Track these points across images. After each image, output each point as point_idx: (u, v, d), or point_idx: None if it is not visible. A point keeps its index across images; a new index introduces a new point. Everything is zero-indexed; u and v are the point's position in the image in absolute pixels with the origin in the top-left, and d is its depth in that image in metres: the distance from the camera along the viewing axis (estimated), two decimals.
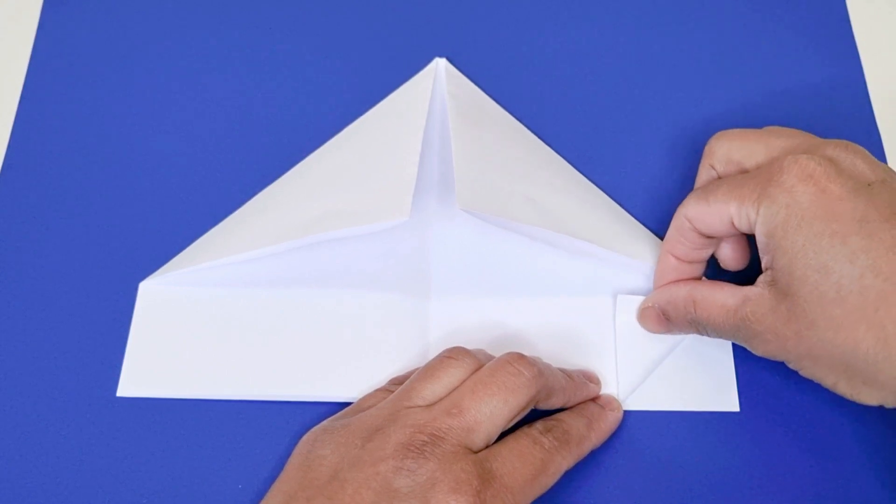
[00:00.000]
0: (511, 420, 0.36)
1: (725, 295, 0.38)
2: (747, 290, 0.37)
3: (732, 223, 0.37)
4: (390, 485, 0.33)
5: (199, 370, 0.42)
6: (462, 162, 0.41)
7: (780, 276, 0.35)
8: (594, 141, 0.48)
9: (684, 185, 0.47)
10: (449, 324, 0.43)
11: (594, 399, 0.40)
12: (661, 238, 0.45)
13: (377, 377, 0.41)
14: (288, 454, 0.40)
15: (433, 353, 0.41)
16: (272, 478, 0.39)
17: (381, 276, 0.43)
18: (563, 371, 0.40)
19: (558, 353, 0.42)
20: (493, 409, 0.35)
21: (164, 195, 0.46)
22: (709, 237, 0.39)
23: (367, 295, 0.43)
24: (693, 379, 0.42)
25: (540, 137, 0.48)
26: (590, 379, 0.41)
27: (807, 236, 0.34)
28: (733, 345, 0.42)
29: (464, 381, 0.37)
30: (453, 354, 0.38)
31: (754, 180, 0.36)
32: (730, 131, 0.41)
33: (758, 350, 0.37)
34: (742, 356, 0.42)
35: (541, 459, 0.36)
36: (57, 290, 0.44)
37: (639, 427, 0.41)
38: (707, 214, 0.38)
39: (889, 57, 0.52)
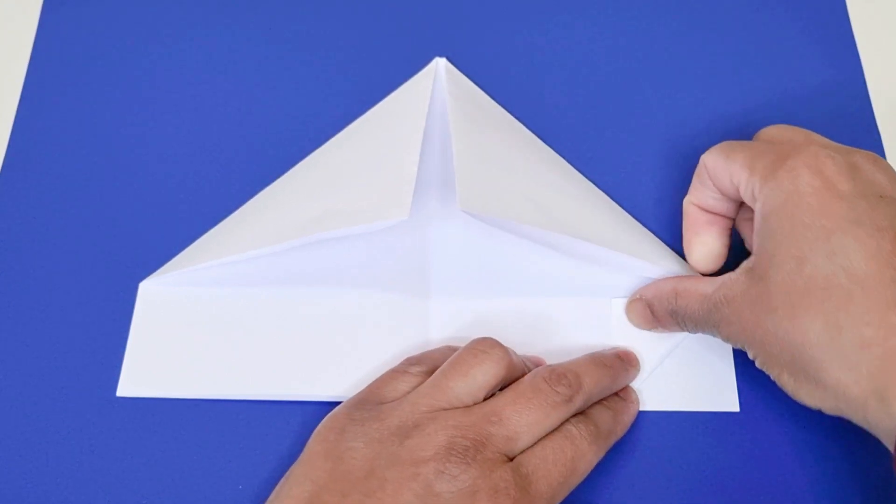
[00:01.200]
0: (550, 430, 0.36)
1: (705, 284, 0.38)
2: (725, 276, 0.37)
3: (739, 189, 0.37)
4: (432, 488, 0.33)
5: (199, 370, 0.42)
6: (463, 162, 0.41)
7: (762, 259, 0.35)
8: (594, 141, 0.48)
9: (683, 186, 0.46)
10: (449, 323, 0.43)
11: (615, 392, 0.41)
12: (661, 239, 0.45)
13: (377, 377, 0.41)
14: (289, 454, 0.40)
15: None
16: (273, 478, 0.39)
17: (381, 276, 0.43)
18: (602, 360, 0.40)
19: (558, 354, 0.42)
20: (534, 420, 0.35)
21: (164, 195, 0.46)
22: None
23: (367, 294, 0.43)
24: (693, 379, 0.42)
25: (540, 137, 0.48)
26: (629, 362, 0.41)
27: (795, 225, 0.34)
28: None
29: (497, 376, 0.37)
30: (483, 347, 0.37)
31: (772, 155, 0.36)
32: (781, 126, 0.40)
33: (722, 333, 0.37)
34: (742, 356, 0.42)
35: (571, 458, 0.36)
36: (57, 289, 0.44)
37: (639, 427, 0.41)
38: (722, 170, 0.38)
39: (889, 57, 0.52)
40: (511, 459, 0.35)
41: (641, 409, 0.41)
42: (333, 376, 0.41)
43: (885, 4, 0.53)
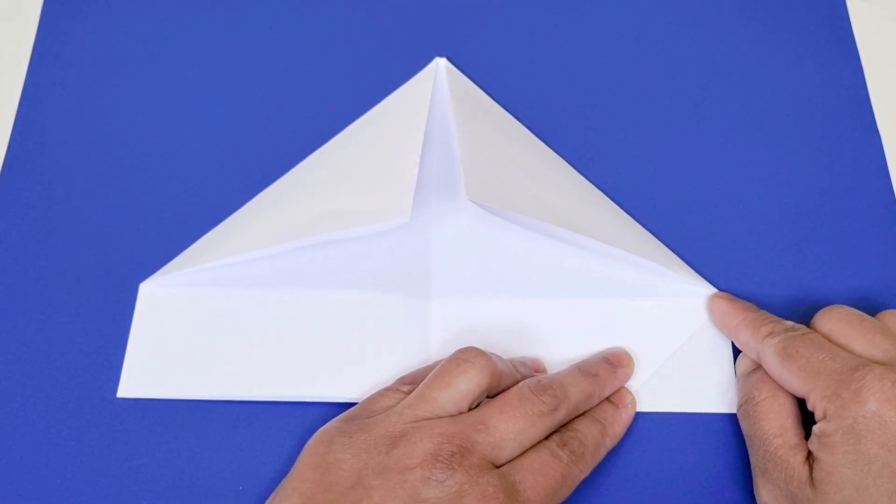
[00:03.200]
0: (536, 440, 0.36)
1: (790, 427, 0.37)
2: (795, 447, 0.37)
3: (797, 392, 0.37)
4: (418, 494, 0.33)
5: (200, 371, 0.42)
6: (467, 155, 0.41)
7: (822, 467, 0.35)
8: (594, 141, 0.48)
9: (684, 187, 0.47)
10: (449, 324, 0.43)
11: (608, 397, 0.40)
12: (660, 240, 0.45)
13: (378, 378, 0.41)
14: (289, 455, 0.40)
15: (434, 354, 0.42)
16: (273, 479, 0.39)
17: (382, 277, 0.43)
18: (589, 369, 0.40)
19: (557, 354, 0.42)
20: (519, 429, 0.36)
21: (165, 195, 0.46)
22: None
23: (368, 295, 0.43)
24: (693, 380, 0.42)
25: (540, 137, 0.48)
26: (619, 363, 0.41)
27: (860, 452, 0.34)
28: (733, 346, 0.42)
29: (480, 384, 0.37)
30: (466, 356, 0.38)
31: (833, 376, 0.36)
32: (841, 313, 0.39)
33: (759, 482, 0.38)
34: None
35: (560, 473, 0.36)
36: (57, 290, 0.44)
37: (638, 429, 0.41)
38: (776, 373, 0.38)
39: (889, 58, 0.51)
40: (497, 468, 0.35)
41: (641, 410, 0.41)
42: (334, 377, 0.41)
43: (886, 4, 0.53)
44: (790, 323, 0.39)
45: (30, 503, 0.39)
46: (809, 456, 0.36)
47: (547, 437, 0.37)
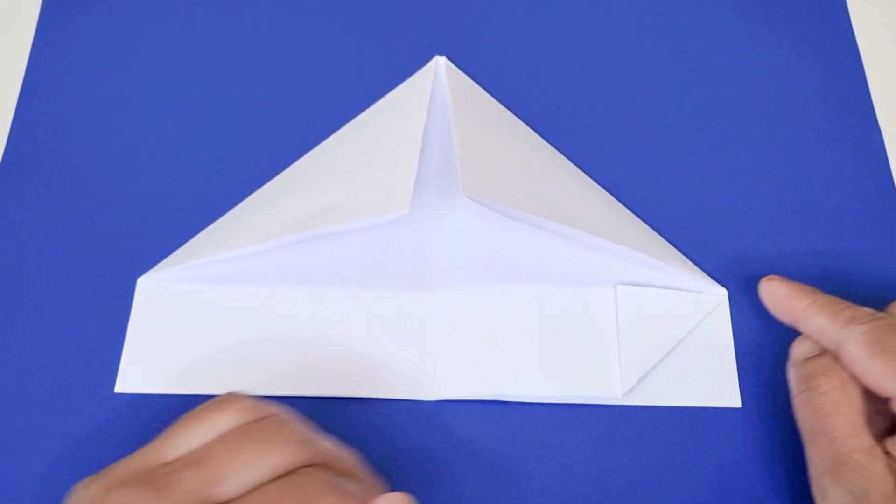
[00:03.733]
0: (276, 474, 0.31)
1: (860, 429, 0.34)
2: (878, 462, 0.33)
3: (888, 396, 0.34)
4: None
5: (198, 366, 0.41)
6: (465, 151, 0.41)
7: None
8: (594, 139, 0.48)
9: (684, 185, 0.47)
10: (448, 317, 0.42)
11: None
12: (662, 236, 0.45)
13: (376, 373, 0.41)
14: None
15: (432, 348, 0.41)
16: None
17: (380, 271, 0.43)
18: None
19: (559, 344, 0.41)
20: (246, 458, 0.31)
21: (163, 191, 0.46)
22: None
23: (366, 290, 0.43)
24: (695, 375, 0.41)
25: (540, 134, 0.48)
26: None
27: None
28: (735, 340, 0.42)
29: (240, 423, 0.32)
30: (226, 399, 0.33)
31: None
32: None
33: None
34: (744, 352, 0.42)
35: (299, 500, 0.31)
36: (55, 286, 0.44)
37: (640, 423, 0.41)
38: (862, 366, 0.35)
39: (889, 57, 0.52)
40: None
41: (641, 404, 0.41)
42: (332, 373, 0.41)
43: (886, 4, 0.53)
44: (868, 309, 0.36)
45: (28, 499, 0.39)
46: (890, 462, 0.33)
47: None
